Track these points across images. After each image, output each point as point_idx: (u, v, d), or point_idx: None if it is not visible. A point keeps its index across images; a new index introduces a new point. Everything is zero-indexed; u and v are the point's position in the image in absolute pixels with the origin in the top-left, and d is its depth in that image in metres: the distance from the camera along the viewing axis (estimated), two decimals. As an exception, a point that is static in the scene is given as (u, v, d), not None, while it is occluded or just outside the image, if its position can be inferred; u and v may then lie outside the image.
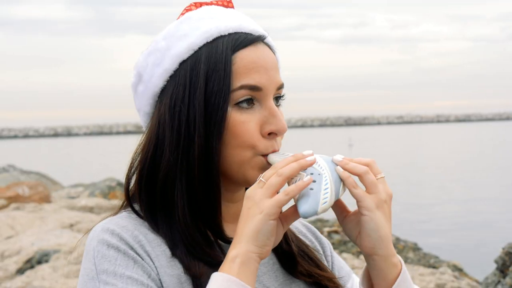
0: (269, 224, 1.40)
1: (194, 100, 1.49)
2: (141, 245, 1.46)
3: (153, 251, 1.47)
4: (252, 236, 1.40)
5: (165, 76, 1.54)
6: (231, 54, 1.51)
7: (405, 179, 30.67)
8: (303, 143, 66.40)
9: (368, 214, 1.44)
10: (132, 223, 1.51)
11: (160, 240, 1.50)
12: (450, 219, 19.30)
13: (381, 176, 1.48)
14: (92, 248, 1.45)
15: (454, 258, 12.39)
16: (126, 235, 1.46)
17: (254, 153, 1.51)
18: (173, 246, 1.49)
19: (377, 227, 1.44)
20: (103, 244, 1.44)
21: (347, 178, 1.45)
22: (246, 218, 1.41)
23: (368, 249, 1.47)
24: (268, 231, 1.40)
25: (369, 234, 1.45)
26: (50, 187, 18.12)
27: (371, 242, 1.46)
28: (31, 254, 8.82)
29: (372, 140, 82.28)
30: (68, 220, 10.97)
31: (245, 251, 1.40)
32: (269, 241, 1.42)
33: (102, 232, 1.47)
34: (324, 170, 1.45)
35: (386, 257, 1.48)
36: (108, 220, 1.52)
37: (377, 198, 1.45)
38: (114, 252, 1.43)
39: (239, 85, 1.49)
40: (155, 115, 1.56)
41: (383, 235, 1.45)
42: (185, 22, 1.57)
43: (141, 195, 1.55)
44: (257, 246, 1.40)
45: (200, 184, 1.50)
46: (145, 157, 1.55)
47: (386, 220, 1.46)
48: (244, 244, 1.40)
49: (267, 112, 1.52)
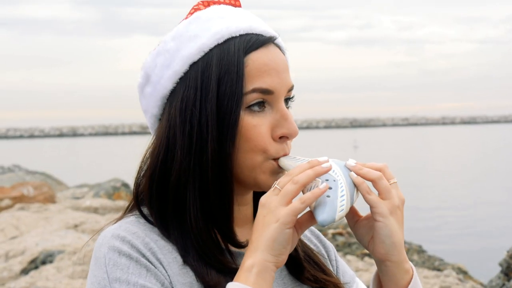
0: (285, 233, 1.38)
1: (206, 103, 1.46)
2: (152, 252, 1.43)
3: (164, 258, 1.44)
4: (268, 245, 1.38)
5: (174, 78, 1.51)
6: (243, 56, 1.48)
7: (410, 181, 30.62)
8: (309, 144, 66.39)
9: (382, 220, 1.42)
10: (142, 229, 1.47)
11: (170, 247, 1.47)
12: (455, 221, 19.27)
13: (393, 181, 1.47)
14: (103, 255, 1.41)
15: (459, 261, 12.37)
16: (137, 242, 1.43)
17: (265, 157, 1.49)
18: (185, 253, 1.46)
19: (391, 233, 1.43)
20: (114, 252, 1.41)
21: (361, 184, 1.43)
22: (262, 227, 1.39)
23: (381, 255, 1.46)
24: (284, 240, 1.38)
25: (382, 240, 1.44)
26: (55, 188, 18.14)
27: (384, 248, 1.44)
28: (35, 254, 8.84)
29: (377, 142, 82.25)
30: (72, 221, 10.99)
31: (261, 260, 1.38)
32: (285, 250, 1.40)
33: (112, 238, 1.43)
34: (339, 176, 1.43)
35: (399, 263, 1.46)
36: (117, 226, 1.48)
37: (391, 204, 1.43)
38: (126, 260, 1.40)
39: (252, 88, 1.47)
40: (165, 118, 1.52)
41: (396, 241, 1.44)
42: (194, 23, 1.54)
43: (152, 200, 1.50)
44: (273, 255, 1.38)
45: (214, 188, 1.47)
46: (155, 161, 1.51)
47: (399, 226, 1.45)
48: (260, 253, 1.38)
49: (279, 115, 1.51)
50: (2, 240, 10.25)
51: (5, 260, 9.01)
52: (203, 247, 1.46)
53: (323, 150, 54.05)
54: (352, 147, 61.14)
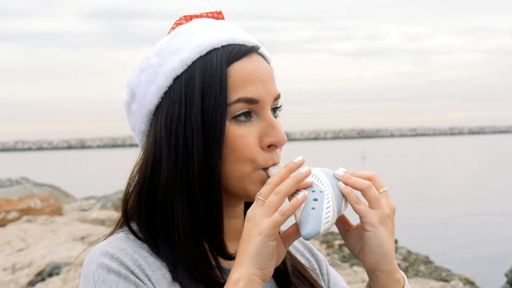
0: (269, 246, 1.37)
1: (190, 116, 1.46)
2: (141, 269, 1.43)
3: (153, 275, 1.44)
4: (254, 258, 1.37)
5: (159, 93, 1.50)
6: (226, 67, 1.47)
7: (417, 192, 30.55)
8: (316, 155, 66.30)
9: (372, 230, 1.41)
10: (131, 246, 1.47)
11: (160, 264, 1.46)
12: (463, 232, 19.22)
13: (383, 190, 1.45)
14: (92, 272, 1.41)
15: (466, 272, 12.33)
16: (126, 259, 1.43)
17: (254, 168, 1.48)
18: (174, 269, 1.45)
19: (381, 243, 1.42)
20: (103, 269, 1.41)
21: (349, 194, 1.41)
22: (247, 240, 1.38)
23: (371, 265, 1.45)
24: (268, 253, 1.37)
25: (372, 250, 1.42)
26: (63, 200, 18.19)
27: (374, 258, 1.43)
28: (42, 266, 8.85)
29: (385, 153, 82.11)
30: (79, 233, 11.01)
31: (247, 274, 1.37)
32: (270, 263, 1.39)
33: (101, 255, 1.43)
34: (325, 187, 1.41)
35: (389, 273, 1.45)
36: (106, 242, 1.47)
37: (381, 213, 1.42)
38: (115, 277, 1.40)
39: (236, 98, 1.46)
40: (151, 133, 1.52)
41: (386, 251, 1.43)
42: (176, 37, 1.54)
43: (141, 216, 1.50)
44: (259, 268, 1.37)
45: (202, 201, 1.46)
46: (143, 177, 1.50)
47: (390, 235, 1.44)
48: (246, 266, 1.37)
49: (266, 124, 1.49)
50: (9, 252, 10.27)
51: (12, 273, 9.04)
52: (192, 261, 1.45)
53: (331, 161, 53.94)
54: (360, 158, 61.02)
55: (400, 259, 13.46)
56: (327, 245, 13.45)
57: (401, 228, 18.81)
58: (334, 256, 12.52)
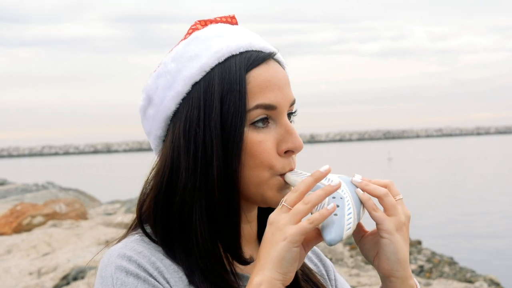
0: (292, 251, 1.38)
1: (210, 122, 1.47)
2: (159, 271, 1.44)
3: (171, 277, 1.45)
4: (276, 263, 1.38)
5: (177, 99, 1.52)
6: (245, 73, 1.49)
7: (444, 193, 30.38)
8: (341, 157, 66.05)
9: (388, 237, 1.43)
10: (147, 248, 1.48)
11: (176, 267, 1.47)
12: (489, 232, 19.09)
13: (399, 197, 1.47)
14: (110, 275, 1.42)
15: (491, 272, 12.27)
16: (144, 261, 1.44)
17: (272, 174, 1.49)
18: (190, 273, 1.47)
19: (396, 250, 1.44)
20: (121, 271, 1.42)
21: (367, 201, 1.44)
22: (270, 244, 1.39)
23: (386, 271, 1.47)
24: (292, 258, 1.39)
25: (388, 256, 1.44)
26: (88, 204, 18.31)
27: (389, 264, 1.45)
28: (67, 270, 8.94)
29: (411, 154, 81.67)
30: (104, 237, 11.08)
31: (269, 278, 1.38)
32: (292, 268, 1.40)
33: (118, 258, 1.44)
34: (345, 194, 1.43)
35: (403, 280, 1.47)
36: (122, 245, 1.48)
37: (397, 221, 1.43)
38: (133, 280, 1.41)
39: (255, 104, 1.48)
40: (168, 139, 1.53)
41: (401, 258, 1.44)
42: (193, 43, 1.55)
43: (157, 220, 1.51)
44: (281, 273, 1.39)
45: (221, 207, 1.47)
46: (160, 182, 1.51)
47: (405, 242, 1.45)
48: (268, 271, 1.38)
49: (283, 130, 1.51)
50: (35, 256, 10.37)
51: (37, 277, 9.13)
52: (209, 268, 1.47)
53: (357, 163, 53.76)
54: (386, 159, 60.75)
55: (424, 260, 13.41)
56: (350, 247, 13.43)
57: (425, 229, 18.72)
58: (358, 258, 12.51)
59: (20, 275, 9.21)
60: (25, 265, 9.65)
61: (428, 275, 12.38)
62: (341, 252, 12.74)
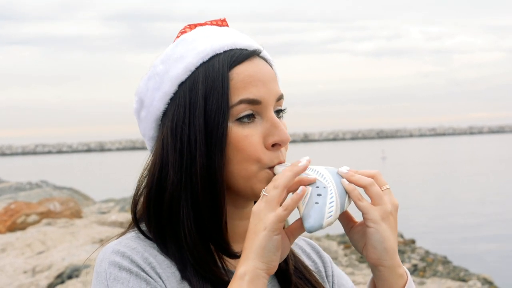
0: (273, 240, 1.42)
1: (194, 119, 1.51)
2: (152, 267, 1.48)
3: (163, 273, 1.49)
4: (259, 252, 1.42)
5: (165, 99, 1.56)
6: (228, 70, 1.52)
7: (437, 192, 30.44)
8: (335, 156, 66.13)
9: (374, 226, 1.45)
10: (141, 245, 1.52)
11: (169, 262, 1.51)
12: (481, 232, 19.13)
13: (386, 187, 1.49)
14: (104, 270, 1.46)
15: (485, 271, 12.30)
16: (137, 257, 1.48)
17: (260, 167, 1.52)
18: (183, 268, 1.50)
19: (383, 239, 1.46)
20: (114, 266, 1.46)
21: (352, 191, 1.46)
22: (253, 235, 1.43)
23: (374, 260, 1.49)
24: (273, 247, 1.42)
25: (374, 245, 1.46)
26: (82, 203, 18.29)
27: (376, 253, 1.47)
28: (61, 269, 8.93)
29: (405, 153, 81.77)
30: (98, 235, 11.07)
31: (252, 268, 1.41)
32: (275, 257, 1.44)
33: (112, 254, 1.48)
34: (329, 183, 1.46)
35: (392, 268, 1.49)
36: (117, 242, 1.53)
37: (383, 210, 1.46)
38: (126, 274, 1.45)
39: (238, 100, 1.51)
40: (159, 138, 1.58)
41: (388, 247, 1.46)
42: (180, 45, 1.59)
43: (150, 217, 1.56)
44: (264, 262, 1.42)
45: (204, 202, 1.51)
46: (151, 179, 1.56)
47: (392, 231, 1.47)
48: (251, 261, 1.42)
49: (269, 123, 1.53)
50: (29, 255, 10.36)
51: (32, 275, 9.12)
52: (198, 260, 1.50)
53: (350, 162, 53.80)
54: (380, 158, 60.77)
55: (418, 259, 13.45)
56: (345, 246, 13.46)
57: (419, 228, 18.76)
58: (352, 257, 12.53)
59: (15, 274, 9.20)
60: (19, 264, 9.63)
61: (421, 274, 12.42)
62: (336, 251, 12.76)
